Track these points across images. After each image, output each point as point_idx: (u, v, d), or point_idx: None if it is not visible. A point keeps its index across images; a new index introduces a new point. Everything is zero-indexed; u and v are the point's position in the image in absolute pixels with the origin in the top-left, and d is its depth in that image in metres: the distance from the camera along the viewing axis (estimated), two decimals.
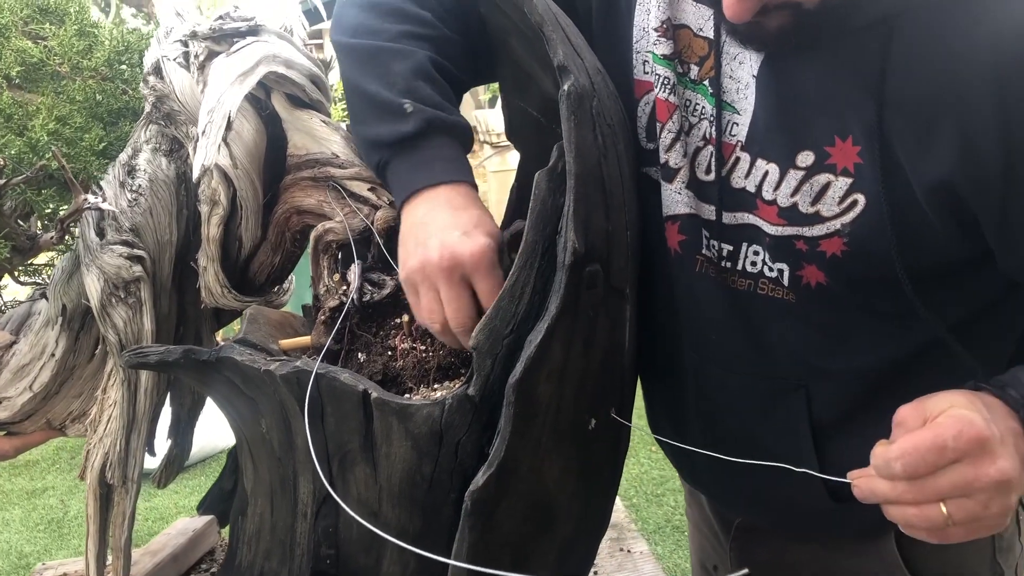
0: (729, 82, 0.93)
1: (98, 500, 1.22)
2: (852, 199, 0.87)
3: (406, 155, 0.95)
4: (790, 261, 0.93)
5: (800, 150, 0.89)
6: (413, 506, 0.90)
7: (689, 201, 0.98)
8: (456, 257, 0.88)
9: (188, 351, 0.97)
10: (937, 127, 0.80)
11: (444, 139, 0.96)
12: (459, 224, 0.91)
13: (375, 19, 1.01)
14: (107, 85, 1.17)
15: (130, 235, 1.14)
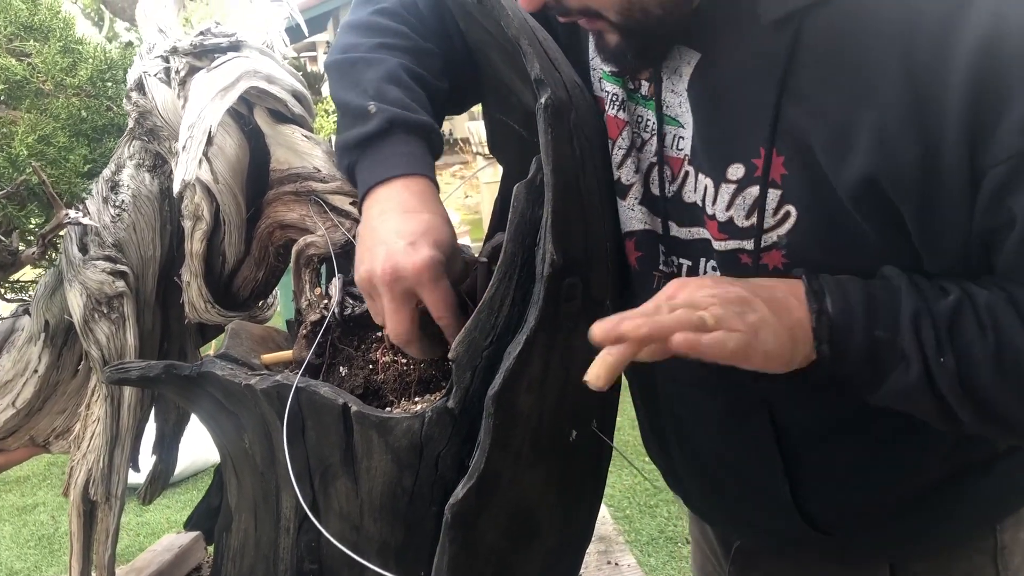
0: (671, 96, 0.93)
1: (82, 517, 1.22)
2: (784, 211, 0.85)
3: (369, 154, 0.95)
4: (738, 276, 0.90)
5: (730, 163, 0.88)
6: (395, 519, 0.90)
7: (643, 217, 0.98)
8: (398, 271, 0.88)
9: (169, 366, 0.97)
10: (853, 124, 0.78)
11: (405, 136, 0.96)
12: (406, 232, 0.90)
13: (355, 36, 1.03)
14: (91, 102, 1.17)
15: (113, 250, 1.14)
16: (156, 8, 1.13)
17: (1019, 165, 0.72)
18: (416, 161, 0.95)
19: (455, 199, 9.25)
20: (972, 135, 0.73)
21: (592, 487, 1.02)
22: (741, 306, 0.78)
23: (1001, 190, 0.73)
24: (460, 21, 1.04)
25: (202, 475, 4.43)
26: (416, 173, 0.95)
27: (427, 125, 0.98)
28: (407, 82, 0.99)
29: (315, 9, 13.02)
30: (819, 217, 0.83)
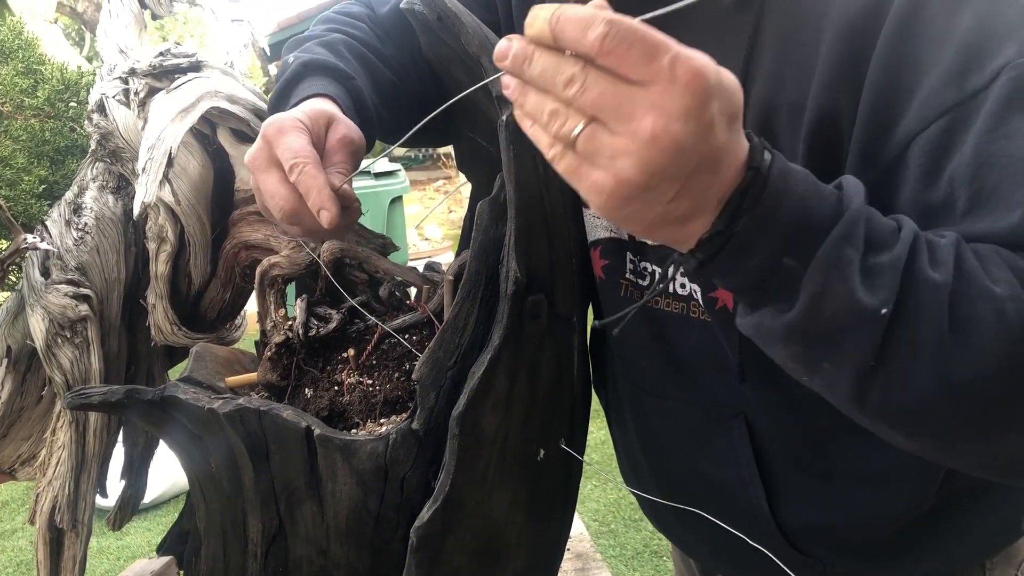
0: None
1: (48, 545, 1.20)
2: None
3: (281, 102, 0.92)
4: (700, 280, 0.88)
5: None
6: (361, 543, 0.89)
7: (608, 224, 0.97)
8: (269, 127, 0.82)
9: (131, 391, 0.95)
10: (805, 98, 0.74)
11: (317, 74, 0.92)
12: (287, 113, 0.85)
13: (316, 28, 1.04)
14: (52, 123, 1.16)
15: (76, 274, 1.13)
16: (117, 28, 1.12)
17: (956, 118, 0.66)
18: (319, 89, 0.91)
19: (438, 214, 9.24)
20: (885, 101, 0.69)
21: (562, 506, 1.01)
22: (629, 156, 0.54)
23: (936, 152, 0.67)
24: (421, 37, 1.04)
25: (183, 498, 4.39)
26: (315, 95, 0.90)
27: (344, 72, 0.94)
28: (340, 50, 0.97)
29: (296, 27, 13.03)
30: None
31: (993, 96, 0.65)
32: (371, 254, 1.05)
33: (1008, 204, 0.63)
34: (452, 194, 9.90)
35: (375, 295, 1.05)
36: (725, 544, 1.00)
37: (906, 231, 0.62)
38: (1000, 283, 0.60)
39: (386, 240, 1.08)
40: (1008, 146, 0.64)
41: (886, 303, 0.58)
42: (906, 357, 0.60)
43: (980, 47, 0.66)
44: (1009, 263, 0.62)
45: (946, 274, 0.60)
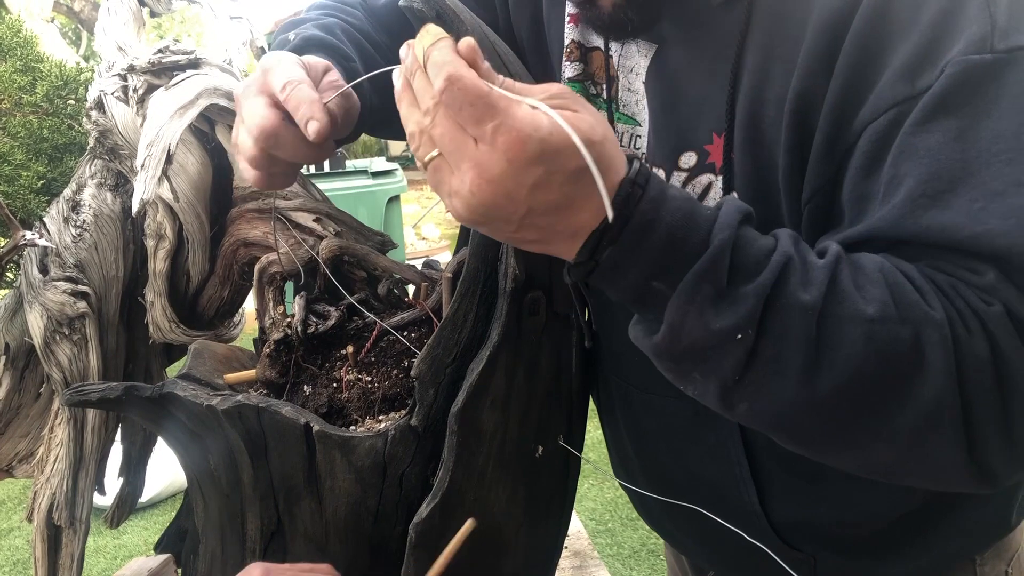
0: (628, 95, 0.92)
1: (46, 542, 1.19)
2: (736, 197, 0.80)
3: None
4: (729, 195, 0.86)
5: (683, 151, 0.85)
6: (360, 540, 0.89)
7: None
8: (260, 67, 0.81)
9: (130, 388, 0.95)
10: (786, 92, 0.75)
11: (318, 52, 0.91)
12: None
13: (307, 11, 1.03)
14: (50, 120, 1.16)
15: (74, 271, 1.12)
16: (115, 25, 1.12)
17: (901, 114, 0.68)
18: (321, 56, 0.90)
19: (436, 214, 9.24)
20: (849, 89, 0.70)
21: (560, 503, 1.01)
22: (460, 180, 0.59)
23: (879, 143, 0.69)
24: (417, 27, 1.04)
25: (181, 496, 4.39)
26: None
27: (344, 52, 0.94)
28: (337, 34, 0.97)
29: None
30: (756, 206, 0.76)
31: (932, 90, 0.67)
32: (370, 252, 1.05)
33: (908, 195, 0.66)
34: None
35: (374, 292, 1.06)
36: (715, 540, 1.00)
37: (778, 254, 0.63)
38: (872, 303, 0.62)
39: (385, 238, 1.09)
40: (928, 140, 0.66)
41: (741, 329, 0.61)
42: (770, 374, 0.63)
43: (937, 41, 0.67)
44: (889, 279, 0.64)
45: (816, 295, 0.62)
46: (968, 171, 0.65)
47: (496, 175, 0.57)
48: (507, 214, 0.59)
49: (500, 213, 0.59)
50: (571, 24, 0.97)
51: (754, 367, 0.63)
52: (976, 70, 0.66)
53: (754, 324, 0.61)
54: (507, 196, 0.58)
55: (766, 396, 0.64)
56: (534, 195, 0.58)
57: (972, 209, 0.64)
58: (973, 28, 0.66)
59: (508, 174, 0.57)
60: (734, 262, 0.62)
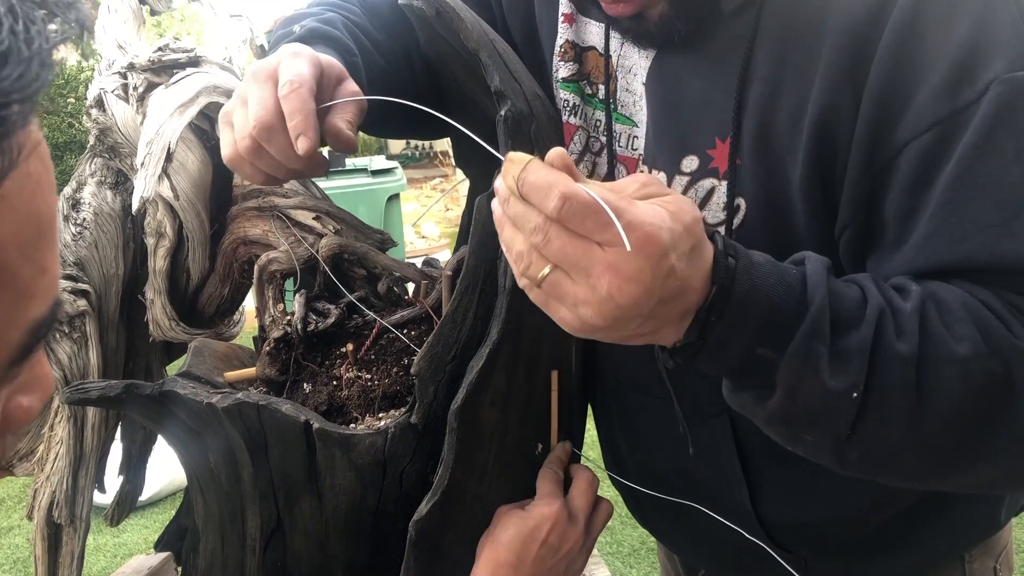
0: (626, 95, 0.92)
1: (46, 540, 1.19)
2: (736, 203, 0.82)
3: None
4: None
5: (685, 155, 0.85)
6: (360, 537, 0.89)
7: None
8: (277, 55, 0.82)
9: (130, 385, 0.95)
10: (805, 101, 0.75)
11: (324, 45, 0.92)
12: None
13: (308, 7, 1.03)
14: (50, 119, 1.15)
15: (74, 269, 1.13)
16: (115, 24, 1.12)
17: (947, 130, 0.68)
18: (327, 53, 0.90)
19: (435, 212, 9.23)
20: (884, 106, 0.70)
21: None
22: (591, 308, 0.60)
23: (925, 162, 0.69)
24: (420, 33, 1.04)
25: (181, 495, 4.39)
26: None
27: (350, 48, 0.95)
28: (340, 29, 0.97)
29: None
30: (766, 213, 0.80)
31: (981, 111, 0.66)
32: (369, 249, 1.05)
33: (976, 225, 0.67)
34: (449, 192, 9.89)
35: (373, 290, 1.06)
36: (708, 539, 1.00)
37: (871, 307, 0.65)
38: (963, 342, 0.64)
39: (384, 236, 1.09)
40: (987, 165, 0.66)
41: (856, 386, 0.63)
42: (879, 425, 0.65)
43: (974, 58, 0.67)
44: (974, 315, 0.65)
45: (912, 344, 0.64)
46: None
47: (635, 272, 0.57)
48: (641, 309, 0.59)
49: (636, 310, 0.59)
50: (565, 24, 0.97)
51: (864, 420, 0.65)
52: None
53: (863, 379, 0.63)
54: (647, 290, 0.58)
55: (877, 445, 0.66)
56: (665, 284, 0.59)
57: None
58: (1012, 43, 0.66)
59: (647, 269, 0.57)
60: (834, 319, 0.64)
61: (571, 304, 0.60)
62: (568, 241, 0.58)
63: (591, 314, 0.59)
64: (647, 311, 0.60)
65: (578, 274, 0.59)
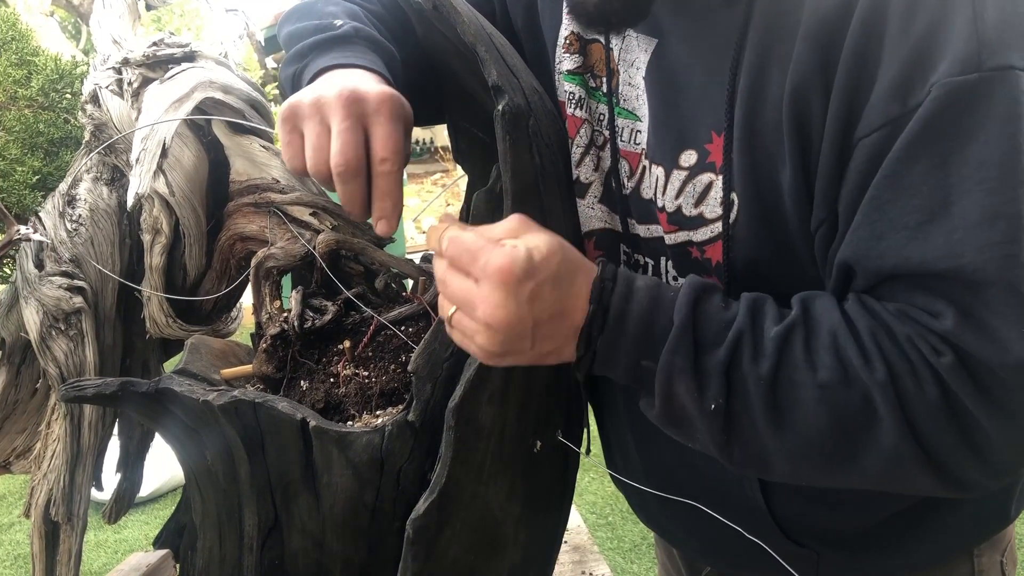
0: (628, 89, 0.91)
1: (43, 538, 1.19)
2: (731, 198, 0.81)
3: (329, 51, 0.91)
4: (691, 273, 0.85)
5: (683, 149, 0.84)
6: (357, 536, 0.89)
7: (603, 215, 0.96)
8: (358, 93, 0.82)
9: (126, 383, 0.95)
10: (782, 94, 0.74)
11: (371, 49, 0.93)
12: (367, 79, 0.86)
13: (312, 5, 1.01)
14: (46, 115, 1.15)
15: (70, 266, 1.12)
16: (110, 19, 1.11)
17: (892, 133, 0.68)
18: (379, 65, 0.91)
19: (436, 207, 9.23)
20: (849, 104, 0.70)
21: (559, 498, 1.01)
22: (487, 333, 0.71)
23: (873, 160, 0.69)
24: (417, 26, 1.03)
25: (179, 491, 4.38)
26: (377, 71, 0.90)
27: (391, 52, 0.96)
28: (369, 20, 0.98)
29: None
30: (757, 209, 0.80)
31: (918, 114, 0.66)
32: (367, 245, 1.04)
33: (892, 225, 0.69)
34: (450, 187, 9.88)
35: (371, 287, 1.05)
36: (716, 537, 0.99)
37: (733, 330, 0.71)
38: (822, 369, 0.69)
39: None
40: (913, 168, 0.67)
41: (714, 398, 0.71)
42: (747, 433, 0.72)
43: (926, 58, 0.66)
44: (837, 343, 0.70)
45: (767, 366, 0.70)
46: (949, 200, 0.66)
47: (500, 299, 0.68)
48: (520, 331, 0.69)
49: (514, 332, 0.69)
50: (569, 15, 0.96)
51: (732, 429, 0.72)
52: (962, 91, 0.65)
53: (723, 393, 0.71)
54: (515, 314, 0.68)
55: (752, 449, 0.73)
56: (533, 307, 0.69)
57: (950, 240, 0.66)
58: (960, 45, 0.65)
59: (506, 296, 0.68)
60: (697, 338, 0.72)
61: (471, 336, 0.72)
62: (456, 279, 0.71)
63: (484, 342, 0.70)
64: (529, 332, 0.70)
65: (467, 309, 0.71)
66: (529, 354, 0.73)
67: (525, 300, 0.69)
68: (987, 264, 0.64)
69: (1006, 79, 0.64)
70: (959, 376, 0.66)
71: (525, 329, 0.70)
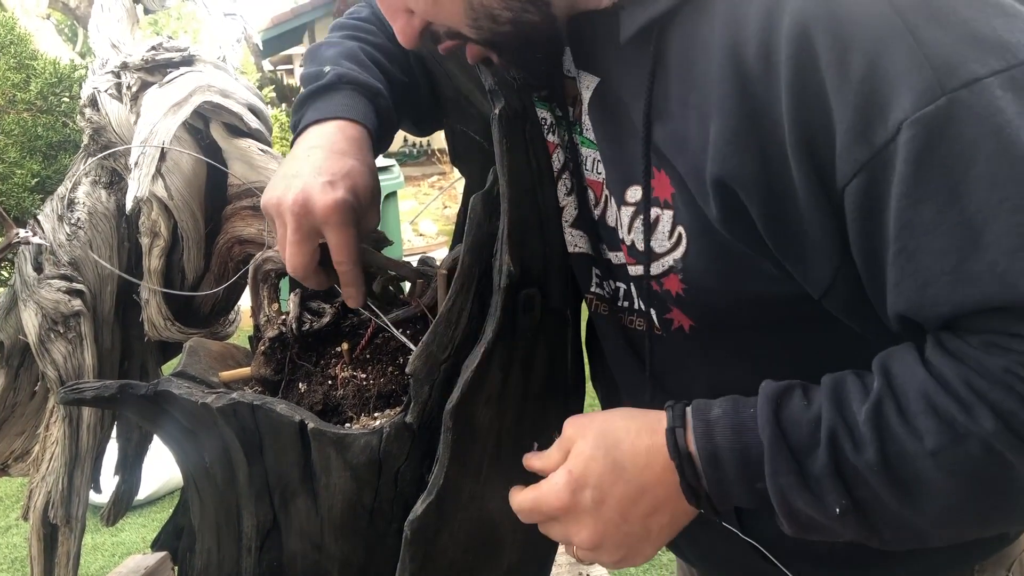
0: (587, 119, 0.90)
1: (42, 541, 1.20)
2: (678, 232, 0.79)
3: (314, 103, 0.99)
4: (655, 304, 0.86)
5: (629, 185, 0.83)
6: (356, 537, 0.89)
7: (576, 240, 0.94)
8: (308, 205, 0.88)
9: (125, 386, 0.95)
10: (706, 142, 0.72)
11: (351, 91, 0.99)
12: (326, 170, 0.91)
13: (330, 35, 1.10)
14: (44, 118, 1.15)
15: (69, 269, 1.12)
16: (109, 23, 1.12)
17: (872, 175, 0.65)
18: (355, 111, 0.97)
19: (433, 210, 9.23)
20: (809, 154, 0.67)
21: None
22: (599, 550, 0.79)
23: (865, 206, 0.66)
24: None
25: (177, 494, 4.38)
26: (353, 119, 0.96)
27: (375, 88, 1.00)
28: (363, 59, 1.02)
29: (290, 22, 13.00)
30: (706, 241, 0.77)
31: (901, 156, 0.63)
32: (365, 248, 1.05)
33: (931, 272, 0.65)
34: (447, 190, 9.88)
35: (369, 289, 1.05)
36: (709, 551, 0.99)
37: (824, 428, 0.68)
38: (927, 435, 0.65)
39: (379, 234, 1.08)
40: (923, 214, 0.63)
41: (836, 502, 0.68)
42: (887, 518, 0.69)
43: (878, 95, 0.63)
44: (933, 403, 0.66)
45: (872, 452, 0.67)
46: (976, 232, 0.62)
47: (577, 525, 0.78)
48: (617, 532, 0.78)
49: (614, 537, 0.78)
50: None
51: (869, 518, 0.69)
52: (938, 121, 0.61)
53: (844, 494, 0.68)
54: (597, 526, 0.77)
55: (900, 532, 0.71)
56: (607, 507, 0.77)
57: (996, 273, 0.61)
58: (913, 78, 0.62)
59: (578, 517, 0.78)
60: (793, 448, 0.69)
61: (599, 559, 0.81)
62: (554, 529, 0.81)
63: (608, 558, 0.80)
64: (624, 525, 0.77)
65: (575, 545, 0.80)
66: (655, 535, 0.78)
67: (593, 510, 0.76)
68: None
69: (976, 92, 0.61)
70: None
71: (618, 526, 0.76)
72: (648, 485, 0.75)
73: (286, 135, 10.18)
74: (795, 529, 0.73)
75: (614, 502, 0.76)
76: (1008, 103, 0.60)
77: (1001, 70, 0.61)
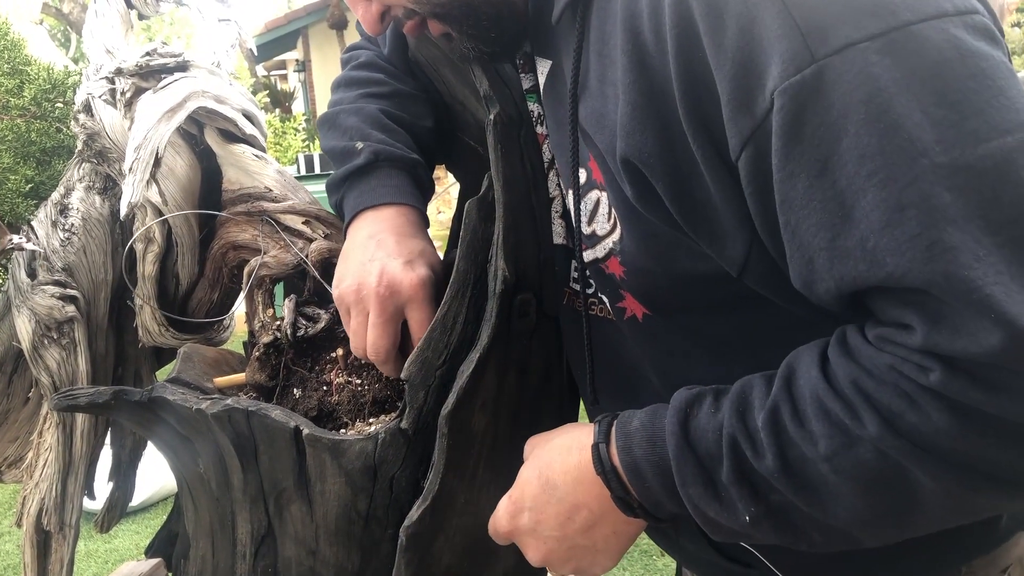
0: None
1: (35, 548, 1.19)
2: (614, 215, 0.78)
3: (357, 184, 0.98)
4: (608, 291, 0.85)
5: (578, 168, 0.81)
6: (351, 543, 0.89)
7: (561, 231, 0.94)
8: (394, 285, 0.88)
9: (119, 392, 0.95)
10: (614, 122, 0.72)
11: (391, 169, 0.98)
12: (403, 252, 0.91)
13: (340, 93, 1.08)
14: (38, 124, 1.15)
15: (63, 275, 1.12)
16: (103, 28, 1.11)
17: (758, 146, 0.62)
18: (405, 192, 0.98)
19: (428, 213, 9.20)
20: (704, 127, 0.65)
21: None
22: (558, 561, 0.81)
23: (758, 180, 0.64)
24: (409, 37, 1.04)
25: (171, 500, 4.36)
26: (407, 203, 0.97)
27: (412, 160, 1.00)
28: (388, 124, 1.01)
29: (284, 28, 13.01)
30: (632, 220, 0.76)
31: (774, 128, 0.61)
32: None
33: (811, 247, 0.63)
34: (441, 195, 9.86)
35: None
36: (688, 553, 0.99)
37: (725, 438, 0.68)
38: (820, 440, 0.63)
39: None
40: (796, 187, 0.61)
41: (745, 510, 0.68)
42: (804, 521, 0.68)
43: (751, 65, 0.61)
44: (825, 407, 0.64)
45: (771, 459, 0.65)
46: (846, 207, 0.59)
47: (523, 545, 0.82)
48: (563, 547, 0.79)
49: (561, 552, 0.80)
50: None
51: (785, 524, 0.68)
52: (805, 89, 0.58)
53: (751, 500, 0.67)
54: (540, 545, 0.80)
55: (825, 533, 0.69)
56: (544, 526, 0.79)
57: (867, 250, 0.59)
58: (783, 44, 0.58)
59: (522, 538, 0.81)
60: (700, 458, 0.69)
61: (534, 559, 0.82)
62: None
63: (572, 569, 0.81)
64: (569, 539, 0.79)
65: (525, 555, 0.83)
66: (602, 547, 0.79)
67: (532, 531, 0.80)
68: (913, 263, 0.57)
69: (848, 58, 0.57)
70: (956, 385, 0.58)
71: (560, 542, 0.79)
72: (582, 501, 0.77)
73: (279, 140, 10.16)
74: (719, 535, 0.72)
75: (551, 520, 0.78)
76: (884, 69, 0.56)
77: (879, 34, 0.57)
